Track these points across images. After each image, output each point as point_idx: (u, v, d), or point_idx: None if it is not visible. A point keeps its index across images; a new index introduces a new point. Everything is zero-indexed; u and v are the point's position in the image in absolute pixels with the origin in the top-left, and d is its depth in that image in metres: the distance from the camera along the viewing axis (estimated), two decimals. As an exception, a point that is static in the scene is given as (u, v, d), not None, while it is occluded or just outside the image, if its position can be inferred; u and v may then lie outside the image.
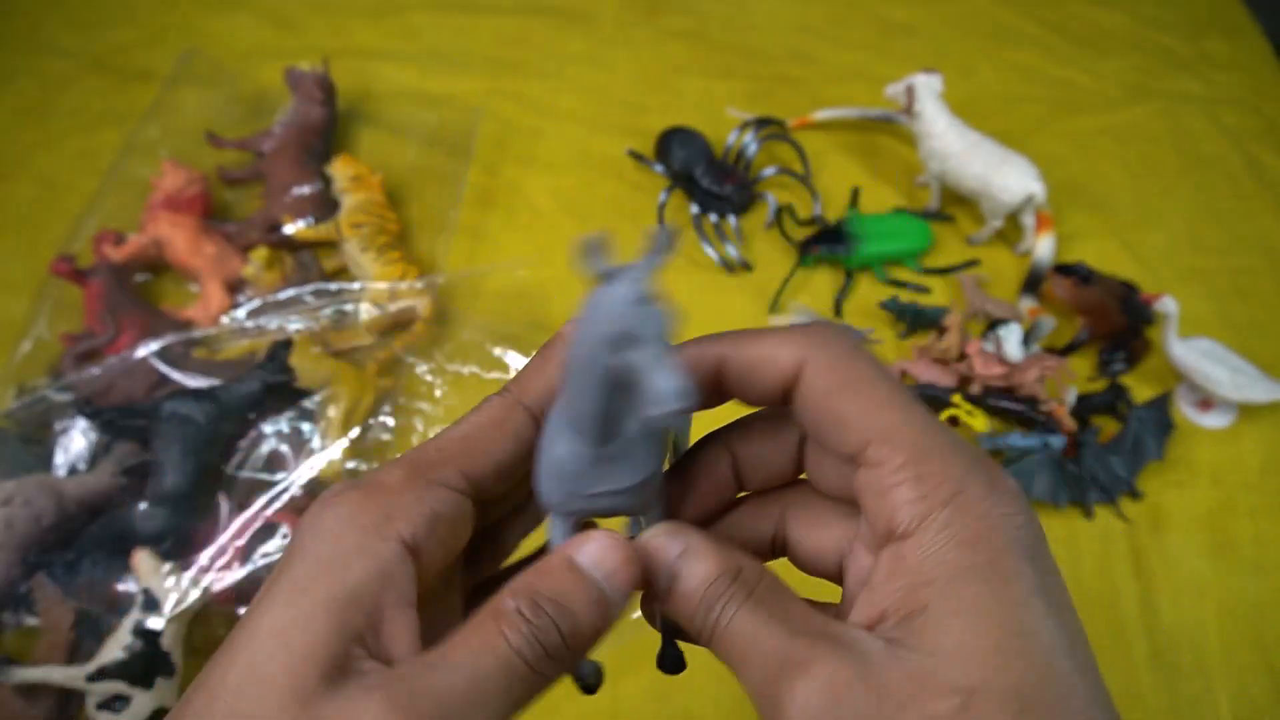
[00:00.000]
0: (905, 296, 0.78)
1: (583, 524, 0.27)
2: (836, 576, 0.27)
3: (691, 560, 0.24)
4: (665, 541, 0.25)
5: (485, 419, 0.27)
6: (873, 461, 0.23)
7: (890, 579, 0.22)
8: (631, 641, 0.61)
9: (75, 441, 0.60)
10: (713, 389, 0.26)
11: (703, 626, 0.24)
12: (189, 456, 0.57)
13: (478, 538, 0.27)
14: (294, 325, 0.68)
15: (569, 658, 0.23)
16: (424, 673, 0.21)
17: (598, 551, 0.24)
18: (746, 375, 0.25)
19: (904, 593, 0.21)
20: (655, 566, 0.25)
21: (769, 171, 0.84)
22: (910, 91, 0.80)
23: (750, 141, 0.85)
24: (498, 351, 0.71)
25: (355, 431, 0.64)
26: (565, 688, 0.61)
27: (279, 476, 0.60)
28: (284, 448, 0.62)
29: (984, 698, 0.19)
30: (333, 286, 0.72)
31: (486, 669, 0.22)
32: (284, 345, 0.62)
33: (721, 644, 0.24)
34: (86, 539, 0.55)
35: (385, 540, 0.23)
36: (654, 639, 0.59)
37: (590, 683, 0.29)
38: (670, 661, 0.29)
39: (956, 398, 0.68)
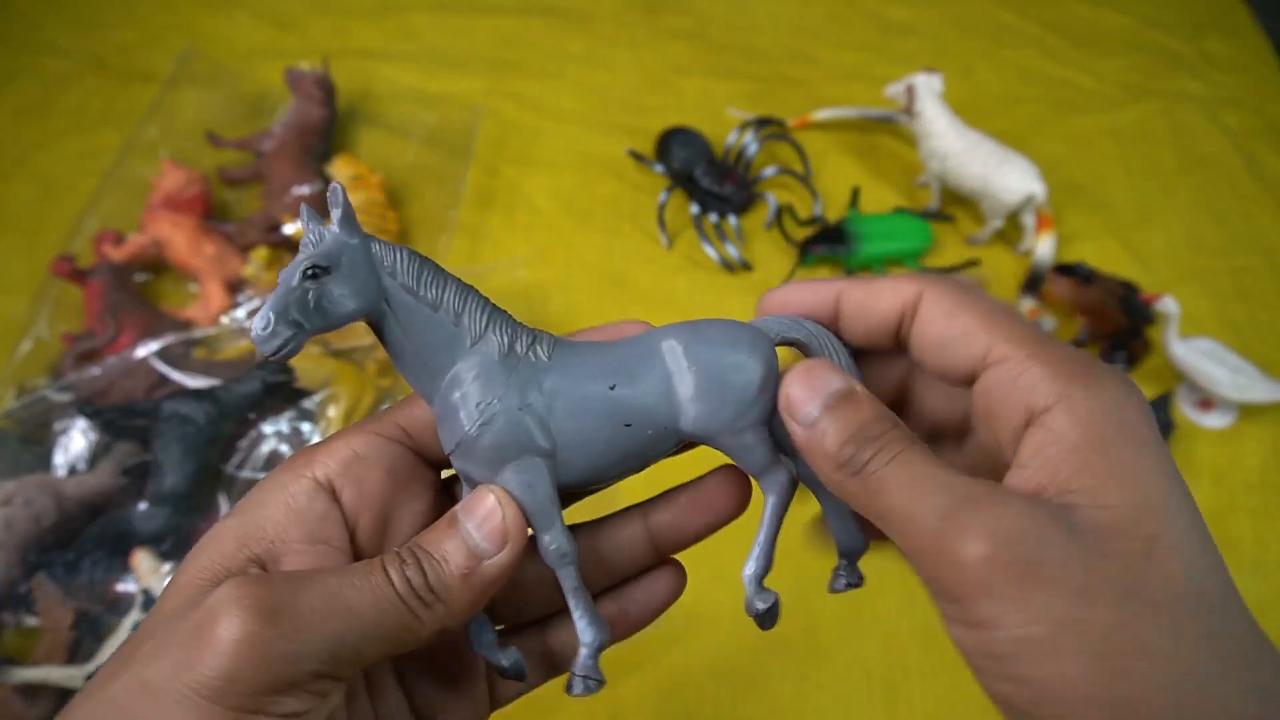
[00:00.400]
0: (905, 296, 0.78)
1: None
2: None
3: (853, 399, 0.25)
4: (827, 373, 0.25)
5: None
6: (998, 359, 0.24)
7: (1041, 451, 0.22)
8: (632, 642, 0.61)
9: (75, 441, 0.60)
10: (827, 321, 0.28)
11: (854, 463, 0.24)
12: (189, 456, 0.57)
13: None
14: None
15: (439, 604, 0.24)
16: (294, 576, 0.23)
17: (481, 509, 0.25)
18: (863, 305, 0.27)
19: (1060, 459, 0.22)
20: (804, 393, 0.25)
21: (769, 171, 0.84)
22: (910, 91, 0.80)
23: (750, 141, 0.85)
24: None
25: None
26: (565, 697, 0.60)
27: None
28: (284, 448, 0.62)
29: (1163, 545, 0.21)
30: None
31: (353, 585, 0.23)
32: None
33: (880, 484, 0.24)
34: (86, 539, 0.55)
35: (297, 479, 0.25)
36: (654, 638, 0.59)
37: (505, 667, 0.28)
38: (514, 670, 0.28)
39: (957, 398, 0.68)
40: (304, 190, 0.76)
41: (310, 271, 0.23)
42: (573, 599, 0.27)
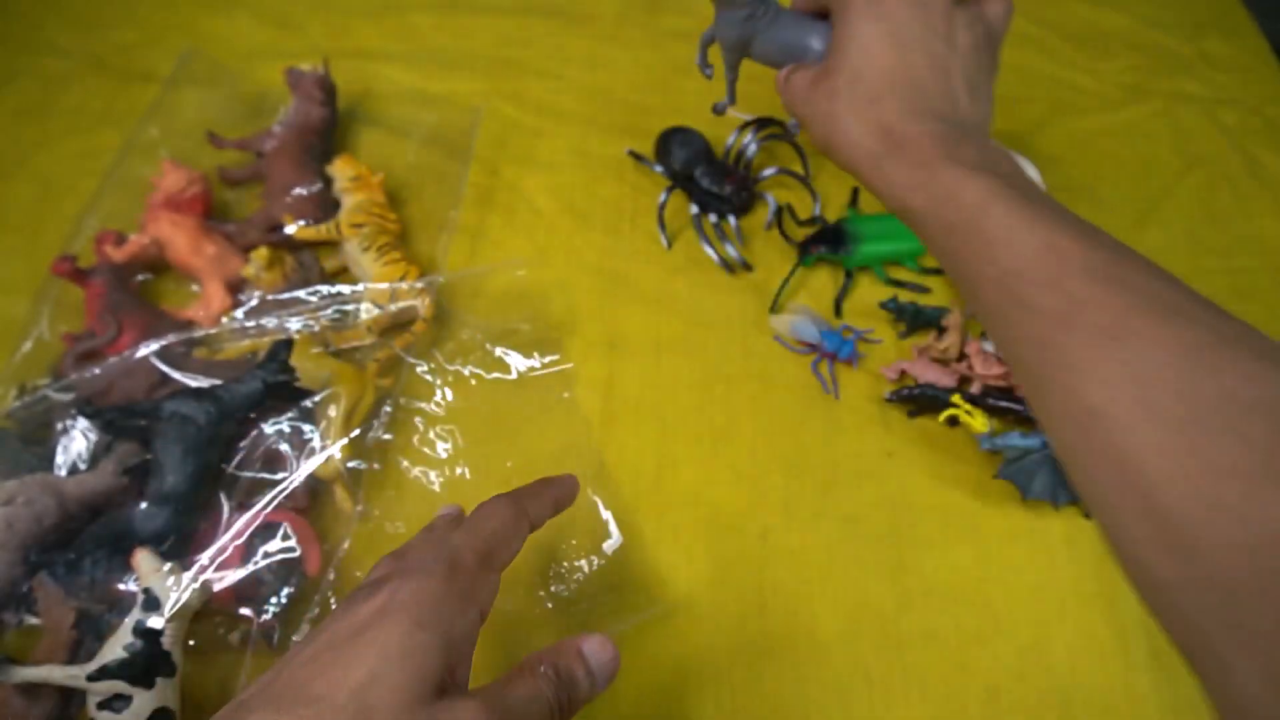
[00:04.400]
0: (905, 296, 0.78)
1: None
2: None
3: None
4: None
5: (508, 527, 0.40)
6: None
7: None
8: (631, 642, 0.61)
9: (76, 441, 0.60)
10: None
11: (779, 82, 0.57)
12: (189, 457, 0.57)
13: None
14: (294, 325, 0.68)
15: (571, 711, 0.36)
16: (497, 692, 0.33)
17: (597, 648, 0.37)
18: None
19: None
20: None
21: (769, 172, 0.84)
22: (910, 91, 0.80)
23: (750, 142, 0.85)
24: (498, 351, 0.71)
25: (355, 431, 0.64)
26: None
27: (279, 476, 0.60)
28: (284, 447, 0.62)
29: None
30: (333, 289, 0.72)
31: (533, 696, 0.34)
32: (284, 345, 0.62)
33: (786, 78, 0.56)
34: (86, 539, 0.55)
35: (469, 611, 0.34)
36: (655, 638, 0.59)
37: None
38: None
39: (956, 398, 0.68)
40: (304, 190, 0.76)
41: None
42: None
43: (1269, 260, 0.83)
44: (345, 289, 0.72)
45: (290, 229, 0.75)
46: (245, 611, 0.56)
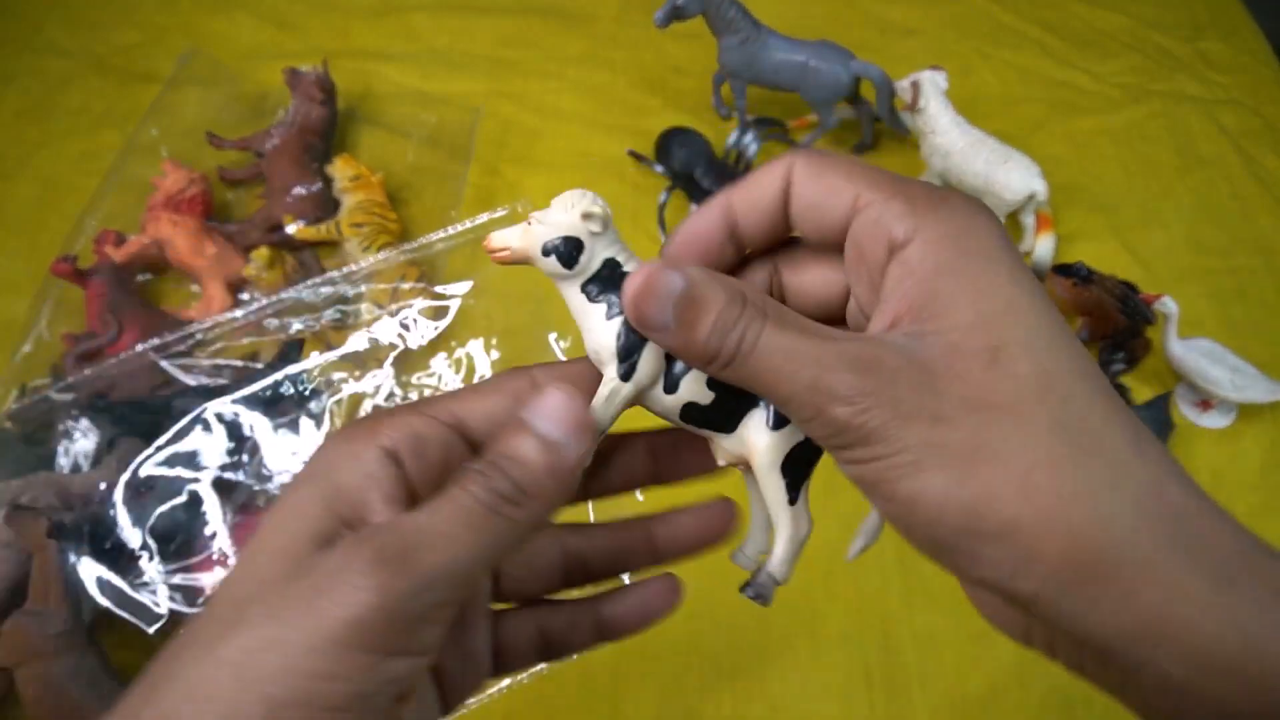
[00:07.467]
0: (905, 296, 0.78)
1: None
2: (835, 318, 0.29)
3: (699, 287, 0.25)
4: (663, 275, 0.25)
5: (491, 379, 0.30)
6: (864, 204, 0.26)
7: (900, 284, 0.25)
8: (632, 643, 0.61)
9: (77, 441, 0.60)
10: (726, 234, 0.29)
11: (721, 351, 0.25)
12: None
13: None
14: (294, 325, 0.68)
15: (531, 501, 0.25)
16: (393, 524, 0.24)
17: (546, 406, 0.26)
18: (749, 199, 0.28)
19: (914, 290, 0.24)
20: (654, 301, 0.25)
21: (769, 172, 0.84)
22: (916, 87, 0.80)
23: (750, 142, 0.85)
24: (497, 354, 0.71)
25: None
26: (566, 695, 0.60)
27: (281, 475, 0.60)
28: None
29: (1007, 350, 0.23)
30: (335, 274, 0.71)
31: (447, 514, 0.24)
32: (294, 347, 0.62)
33: (751, 363, 0.25)
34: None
35: (368, 447, 0.26)
36: (655, 638, 0.59)
37: None
38: None
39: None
40: (305, 190, 0.77)
41: None
42: None
43: (1269, 260, 0.83)
44: (347, 290, 0.72)
45: (290, 229, 0.75)
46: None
